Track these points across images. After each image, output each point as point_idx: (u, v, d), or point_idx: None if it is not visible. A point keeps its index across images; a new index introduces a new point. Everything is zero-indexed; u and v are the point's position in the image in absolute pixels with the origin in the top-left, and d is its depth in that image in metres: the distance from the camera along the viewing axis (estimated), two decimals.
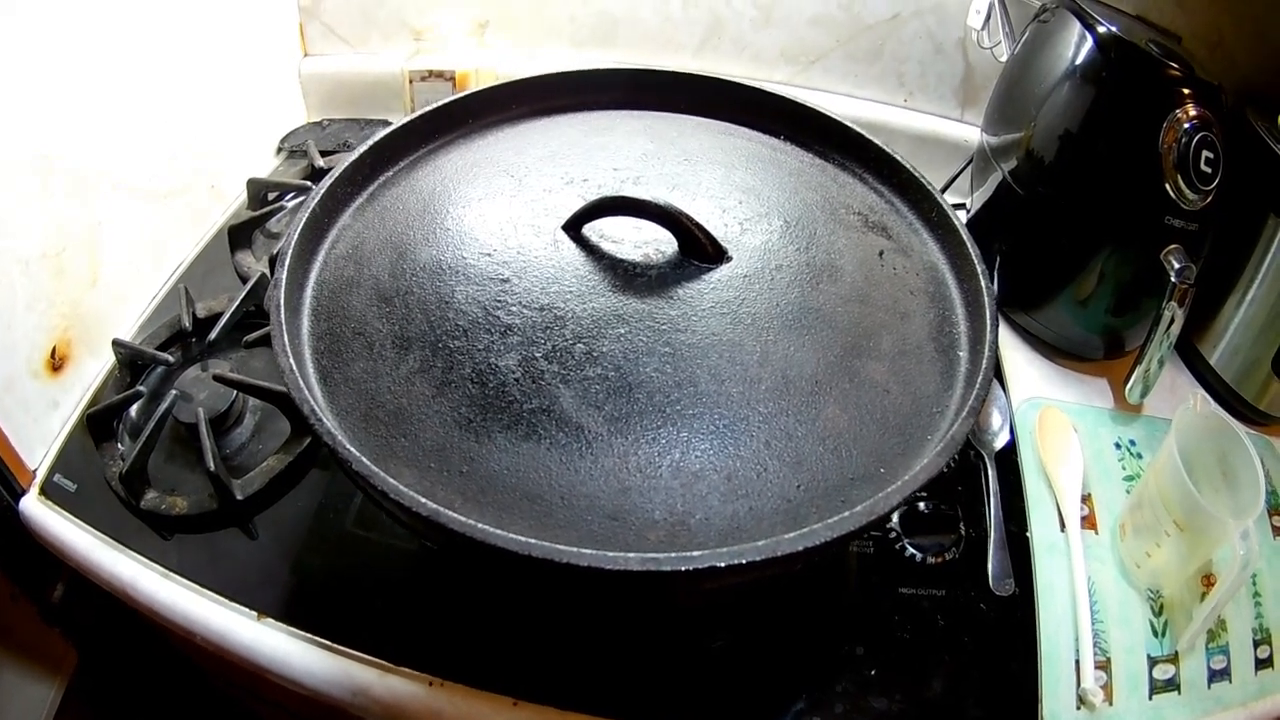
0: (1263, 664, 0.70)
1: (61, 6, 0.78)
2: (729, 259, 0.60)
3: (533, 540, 0.44)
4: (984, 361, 0.56)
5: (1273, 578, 0.74)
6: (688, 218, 0.58)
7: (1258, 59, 0.90)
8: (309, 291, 0.61)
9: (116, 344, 0.85)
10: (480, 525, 0.45)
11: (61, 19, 0.78)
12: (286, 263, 0.59)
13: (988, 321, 0.58)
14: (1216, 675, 0.69)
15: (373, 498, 0.49)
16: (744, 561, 0.44)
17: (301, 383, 0.52)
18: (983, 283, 0.61)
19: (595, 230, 0.61)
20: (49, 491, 0.79)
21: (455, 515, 0.45)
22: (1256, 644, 0.71)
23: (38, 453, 0.80)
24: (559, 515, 0.48)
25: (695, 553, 0.44)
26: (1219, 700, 0.68)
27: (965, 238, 0.64)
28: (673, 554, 0.44)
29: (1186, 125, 0.75)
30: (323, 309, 0.60)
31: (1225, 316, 0.87)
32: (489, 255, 0.59)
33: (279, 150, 1.17)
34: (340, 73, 1.21)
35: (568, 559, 0.44)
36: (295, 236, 0.61)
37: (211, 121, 1.02)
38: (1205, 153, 0.76)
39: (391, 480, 0.47)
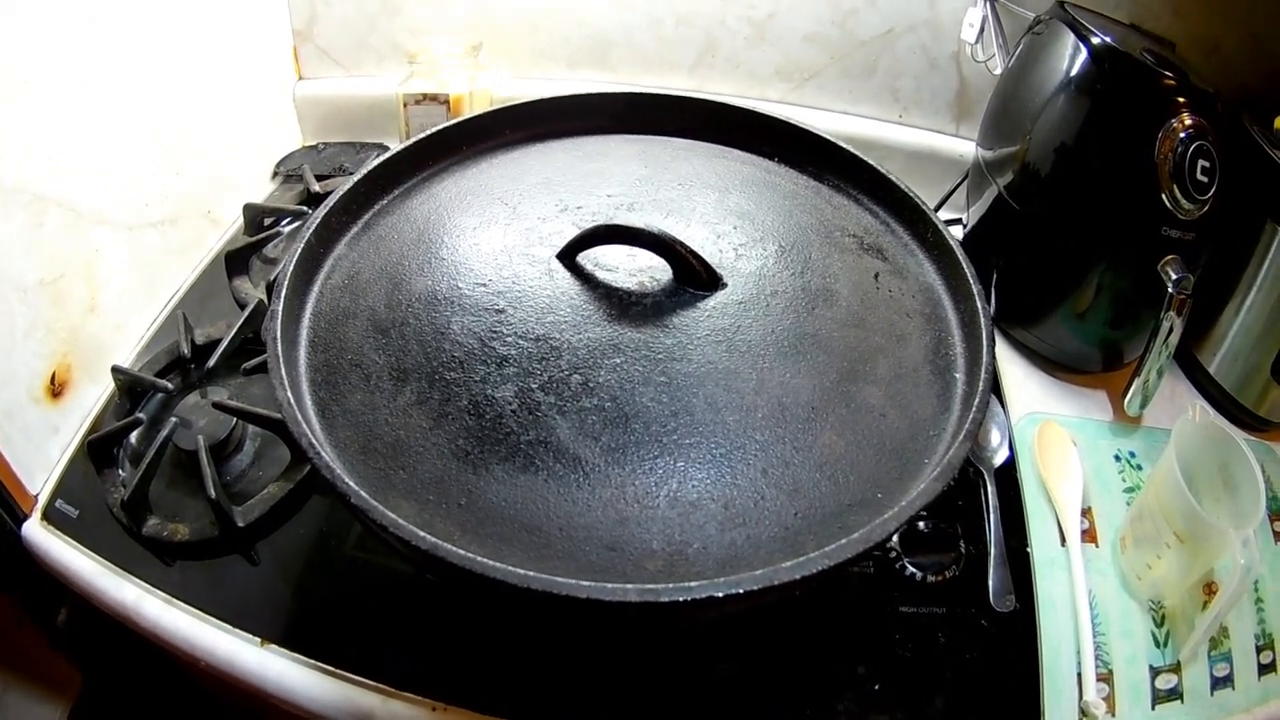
0: (1265, 669, 0.70)
1: (53, 32, 0.78)
2: (724, 286, 0.60)
3: (531, 573, 0.44)
4: (981, 383, 0.56)
5: (1275, 583, 0.74)
6: (682, 245, 0.58)
7: (1254, 64, 0.90)
8: (305, 322, 0.61)
9: (116, 371, 0.85)
10: (479, 558, 0.45)
11: (52, 46, 0.78)
12: (282, 294, 0.59)
13: (984, 343, 0.58)
14: (1219, 682, 0.69)
15: (372, 530, 0.49)
16: (741, 591, 0.44)
17: (299, 416, 0.52)
18: (979, 304, 0.61)
19: (590, 258, 0.61)
20: (51, 517, 0.79)
21: (455, 549, 0.45)
22: (1259, 649, 0.71)
23: (39, 478, 0.80)
24: (557, 546, 0.49)
25: (693, 583, 0.44)
26: (1222, 707, 0.68)
27: (961, 258, 0.64)
28: (670, 585, 0.44)
29: (1182, 134, 0.75)
30: (319, 340, 0.60)
31: (1224, 324, 0.87)
32: (484, 285, 0.60)
33: (275, 175, 1.17)
34: (335, 96, 1.21)
35: (566, 591, 0.44)
36: (291, 267, 0.61)
37: (206, 147, 1.02)
38: (1201, 162, 0.75)
39: (390, 514, 0.47)
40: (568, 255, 0.61)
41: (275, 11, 1.15)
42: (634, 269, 0.61)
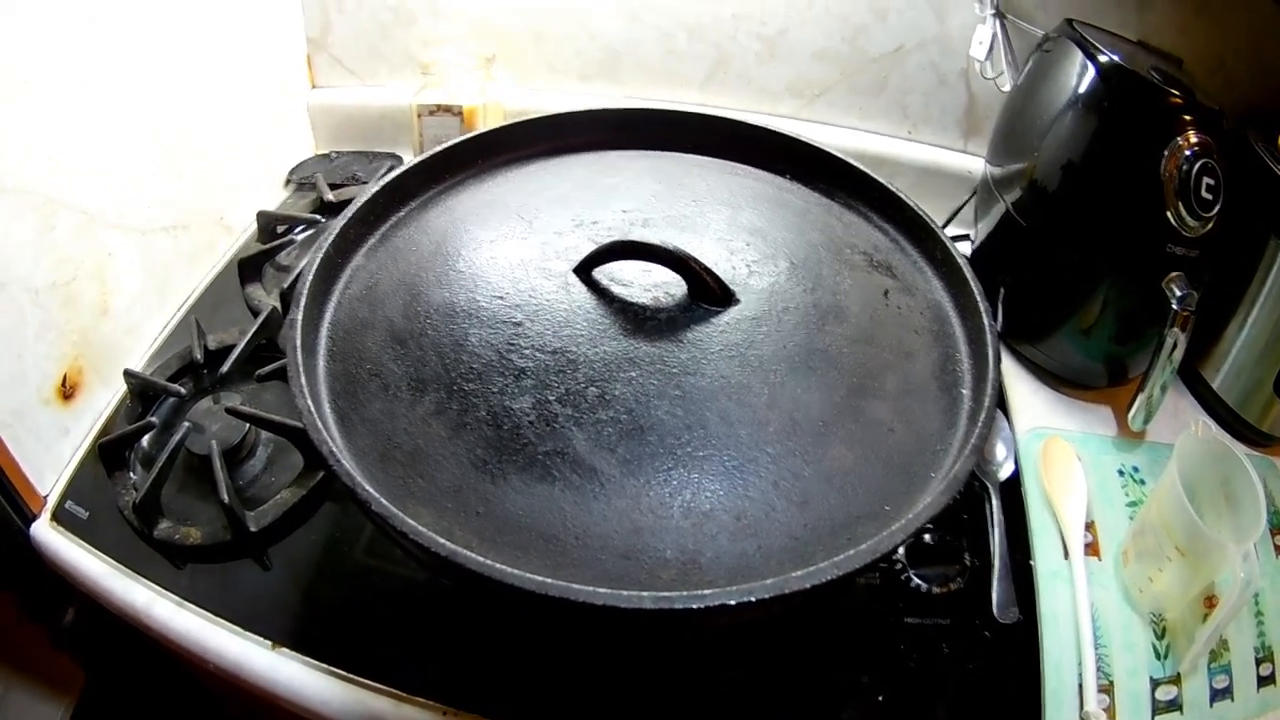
0: (1265, 681, 0.71)
1: (68, 37, 0.79)
2: (737, 301, 0.61)
3: (549, 580, 0.45)
4: (986, 399, 0.57)
5: (1275, 596, 0.75)
6: (696, 262, 0.59)
7: (1259, 81, 0.90)
8: (324, 332, 0.62)
9: (128, 374, 0.86)
10: (497, 565, 0.46)
11: (67, 52, 0.79)
12: (302, 303, 0.60)
13: (990, 360, 0.59)
14: (1219, 694, 0.70)
15: (391, 537, 0.49)
16: (753, 599, 0.45)
17: (319, 424, 0.52)
18: (985, 321, 0.62)
19: (605, 273, 0.62)
20: (61, 518, 0.79)
21: (473, 555, 0.46)
22: (1259, 662, 0.71)
23: (49, 479, 0.81)
24: (574, 555, 0.49)
25: (706, 591, 0.45)
26: (1222, 718, 0.69)
27: (968, 275, 0.65)
28: (684, 593, 0.45)
29: (1188, 152, 0.75)
30: (338, 350, 0.61)
31: (1227, 340, 0.87)
32: (501, 298, 0.60)
33: (288, 182, 1.18)
34: (348, 105, 1.22)
35: (583, 598, 0.44)
36: (310, 277, 0.62)
37: (220, 154, 1.03)
38: (1206, 179, 0.76)
39: (410, 521, 0.48)
40: (584, 270, 0.62)
41: (290, 19, 1.16)
42: (649, 284, 0.61)
